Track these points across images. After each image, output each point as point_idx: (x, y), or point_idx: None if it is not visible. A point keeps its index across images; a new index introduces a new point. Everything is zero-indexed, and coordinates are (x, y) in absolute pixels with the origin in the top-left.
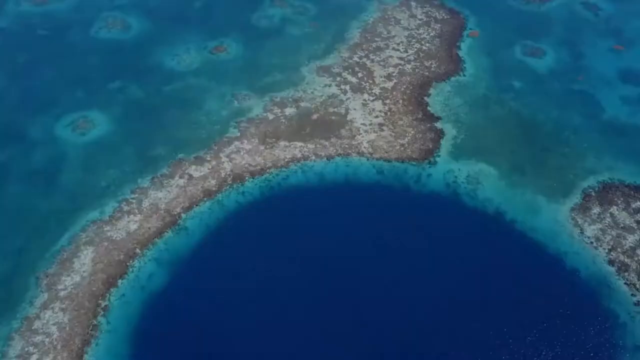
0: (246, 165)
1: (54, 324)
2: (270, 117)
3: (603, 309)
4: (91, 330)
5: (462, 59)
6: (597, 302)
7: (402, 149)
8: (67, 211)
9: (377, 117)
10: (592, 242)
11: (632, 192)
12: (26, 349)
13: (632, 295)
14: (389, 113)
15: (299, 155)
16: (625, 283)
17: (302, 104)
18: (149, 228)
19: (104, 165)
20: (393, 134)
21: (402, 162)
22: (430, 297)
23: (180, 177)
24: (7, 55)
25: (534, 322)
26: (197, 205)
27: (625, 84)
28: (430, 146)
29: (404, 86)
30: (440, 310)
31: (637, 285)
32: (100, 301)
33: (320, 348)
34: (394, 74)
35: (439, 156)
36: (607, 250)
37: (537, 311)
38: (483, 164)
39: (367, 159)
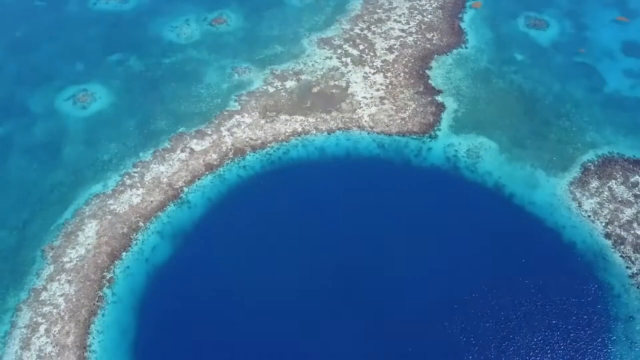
0: (247, 139)
1: (60, 296)
2: (271, 90)
3: (598, 281)
4: (97, 302)
5: (465, 31)
6: (592, 274)
7: (403, 122)
8: (70, 185)
9: (378, 90)
10: (589, 216)
11: (631, 166)
12: (34, 319)
13: (627, 267)
14: (390, 86)
15: (300, 129)
16: (620, 256)
17: (303, 77)
18: (152, 201)
19: (106, 139)
20: (394, 107)
21: (403, 136)
22: (429, 270)
23: (182, 151)
24: (5, 27)
25: (530, 293)
26: (199, 179)
27: (628, 56)
28: (431, 120)
29: (406, 59)
30: (439, 281)
31: (633, 258)
32: (105, 273)
33: (321, 317)
34: (395, 46)
35: (439, 130)
36: (604, 224)
37: (533, 283)
38: (483, 137)
39: (368, 133)
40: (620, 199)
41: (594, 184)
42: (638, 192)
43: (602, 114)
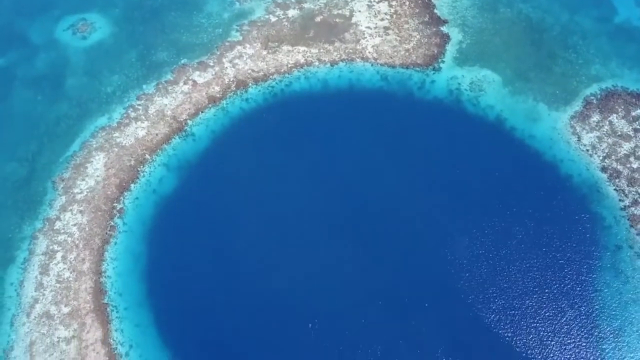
0: (249, 71)
1: (74, 225)
2: (273, 19)
3: (590, 212)
4: (109, 231)
5: None
6: (586, 205)
7: (407, 54)
8: (76, 117)
9: (382, 20)
10: (587, 150)
11: (633, 100)
12: (51, 247)
13: (620, 200)
14: (394, 16)
15: (302, 60)
16: (614, 189)
17: (306, 5)
18: (157, 134)
19: (108, 71)
20: (398, 38)
21: (407, 68)
22: (430, 200)
23: (185, 83)
24: None
25: (524, 223)
26: (202, 111)
27: None
28: (435, 52)
29: None
30: (438, 211)
31: (626, 191)
32: (115, 204)
33: (322, 246)
34: None
35: (443, 62)
36: (601, 158)
37: (528, 213)
38: (487, 70)
39: (372, 65)
40: (619, 133)
41: (595, 117)
42: (638, 126)
43: (610, 46)
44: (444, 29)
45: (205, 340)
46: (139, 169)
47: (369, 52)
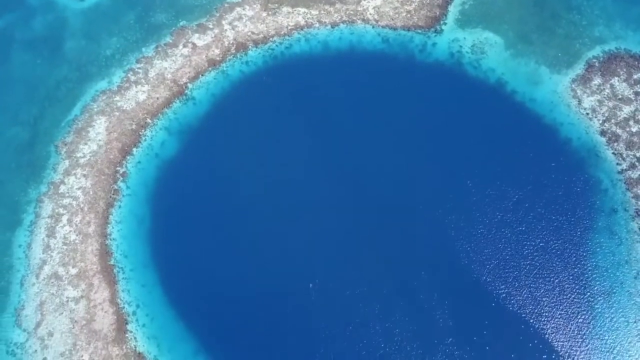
0: (249, 34)
1: (78, 189)
2: None
3: (588, 176)
4: (113, 194)
5: None
6: (584, 169)
7: (409, 15)
8: (76, 80)
9: None
10: (587, 114)
11: (636, 63)
12: (56, 211)
13: (617, 164)
14: None
15: (303, 22)
16: (612, 153)
17: None
18: (158, 98)
19: (107, 33)
20: None
21: (408, 30)
22: (429, 163)
23: (184, 46)
24: None
25: (521, 186)
26: (202, 75)
27: None
28: (437, 13)
29: None
30: (438, 172)
31: (624, 155)
32: (118, 168)
33: (321, 205)
34: None
35: (445, 24)
36: (601, 121)
37: (525, 177)
38: (489, 32)
39: (373, 27)
40: (620, 96)
41: (596, 81)
42: (639, 90)
43: (614, 7)
44: None
45: (209, 298)
46: (140, 133)
47: (370, 14)
